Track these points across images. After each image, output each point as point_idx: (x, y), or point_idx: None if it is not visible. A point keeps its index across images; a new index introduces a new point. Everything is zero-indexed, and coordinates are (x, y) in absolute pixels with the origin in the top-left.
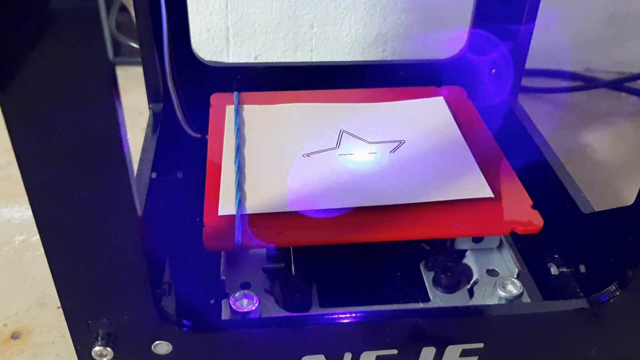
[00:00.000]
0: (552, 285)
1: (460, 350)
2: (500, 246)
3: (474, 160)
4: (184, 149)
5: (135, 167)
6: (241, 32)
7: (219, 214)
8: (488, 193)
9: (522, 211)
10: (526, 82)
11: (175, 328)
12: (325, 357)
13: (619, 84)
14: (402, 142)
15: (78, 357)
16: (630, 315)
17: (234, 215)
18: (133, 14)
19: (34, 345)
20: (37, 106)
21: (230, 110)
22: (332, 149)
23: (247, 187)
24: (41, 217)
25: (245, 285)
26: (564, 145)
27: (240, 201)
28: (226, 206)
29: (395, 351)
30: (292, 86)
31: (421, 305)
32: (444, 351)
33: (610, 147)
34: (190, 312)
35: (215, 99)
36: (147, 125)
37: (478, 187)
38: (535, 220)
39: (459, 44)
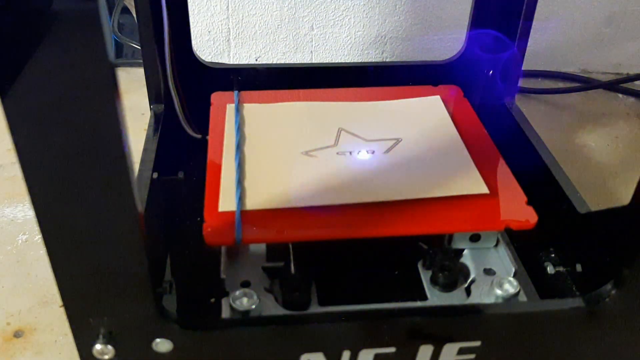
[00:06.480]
0: (549, 284)
1: (457, 348)
2: (497, 245)
3: (469, 156)
4: (185, 150)
5: (136, 167)
6: (242, 33)
7: (220, 210)
8: (483, 189)
9: (516, 207)
10: (524, 83)
11: (175, 326)
12: (324, 355)
13: (616, 85)
14: (399, 140)
15: (80, 356)
16: (626, 314)
17: (234, 212)
18: (135, 15)
19: (36, 344)
20: (39, 107)
21: (230, 108)
22: (330, 146)
23: (247, 183)
24: (43, 216)
25: (245, 284)
26: (561, 146)
27: (241, 198)
28: (226, 202)
29: (393, 349)
30: (292, 87)
31: (419, 303)
32: (441, 349)
33: (606, 148)
34: (190, 311)
35: (215, 97)
36: (149, 126)
37: (473, 183)
38: (529, 217)
39: (457, 46)
